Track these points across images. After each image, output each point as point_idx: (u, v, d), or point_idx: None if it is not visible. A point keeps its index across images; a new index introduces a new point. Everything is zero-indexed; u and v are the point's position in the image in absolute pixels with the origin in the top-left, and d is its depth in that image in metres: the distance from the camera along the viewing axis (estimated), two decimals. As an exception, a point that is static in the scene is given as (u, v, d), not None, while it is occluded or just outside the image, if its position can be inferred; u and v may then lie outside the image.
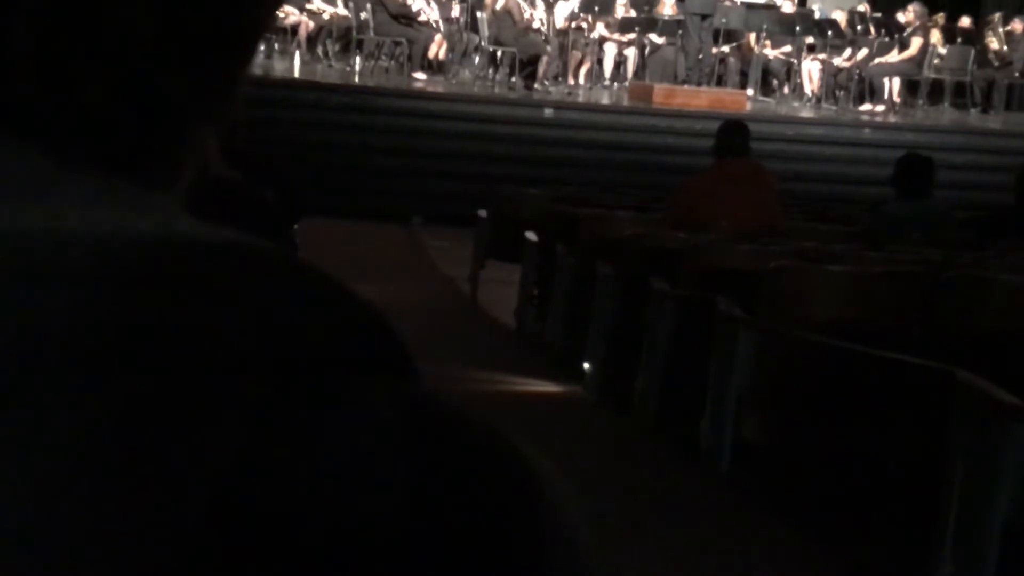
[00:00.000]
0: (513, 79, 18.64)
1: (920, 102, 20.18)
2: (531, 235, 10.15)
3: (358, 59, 18.78)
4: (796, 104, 19.64)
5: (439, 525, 0.44)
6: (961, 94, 20.61)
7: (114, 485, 0.42)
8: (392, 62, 18.83)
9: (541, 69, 18.85)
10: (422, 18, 18.89)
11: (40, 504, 0.42)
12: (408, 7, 18.60)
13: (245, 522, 0.43)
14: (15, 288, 0.45)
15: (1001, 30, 20.76)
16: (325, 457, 0.44)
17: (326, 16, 19.40)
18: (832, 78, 19.84)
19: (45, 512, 0.42)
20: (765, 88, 20.06)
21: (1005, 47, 20.69)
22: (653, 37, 19.54)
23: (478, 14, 18.80)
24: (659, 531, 5.61)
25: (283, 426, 0.44)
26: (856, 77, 19.82)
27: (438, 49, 19.01)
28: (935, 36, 20.02)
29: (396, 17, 18.51)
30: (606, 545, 0.48)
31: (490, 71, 18.98)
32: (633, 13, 19.74)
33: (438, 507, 0.45)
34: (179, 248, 0.46)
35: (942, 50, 20.14)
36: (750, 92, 19.47)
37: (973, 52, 20.19)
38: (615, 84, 19.54)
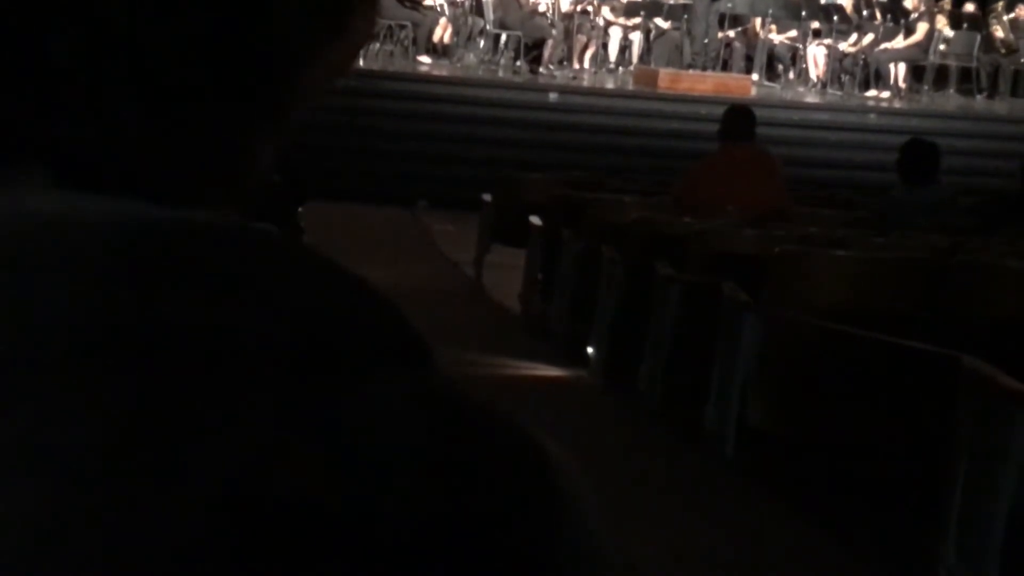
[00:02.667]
0: (518, 63, 18.62)
1: (926, 87, 20.15)
2: (536, 219, 10.15)
3: (362, 43, 18.75)
4: (801, 89, 19.62)
5: (455, 515, 0.44)
6: (967, 79, 20.58)
7: (127, 480, 0.42)
8: (397, 46, 18.82)
9: (546, 53, 18.83)
10: (427, 2, 18.87)
11: (52, 503, 0.42)
12: (413, -9, 18.61)
13: (261, 514, 0.42)
14: (22, 280, 0.44)
15: (1006, 18, 20.73)
16: (341, 448, 0.44)
17: (331, -1, 19.40)
18: (838, 63, 19.81)
19: (57, 510, 0.42)
20: (770, 73, 20.03)
21: (1011, 35, 20.66)
22: (658, 21, 19.52)
23: (483, -2, 18.80)
24: (664, 515, 5.62)
25: (299, 417, 0.44)
26: (862, 62, 19.79)
27: (443, 33, 19.00)
28: (941, 21, 20.00)
29: (401, 0, 18.48)
30: (612, 530, 0.48)
31: (495, 55, 18.96)
32: (638, -2, 19.74)
33: (455, 497, 0.44)
34: (191, 237, 0.46)
35: (948, 35, 20.11)
36: (755, 77, 19.45)
37: (979, 38, 20.16)
38: (620, 68, 19.51)
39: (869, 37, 19.90)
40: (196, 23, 0.48)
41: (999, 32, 20.61)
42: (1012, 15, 20.79)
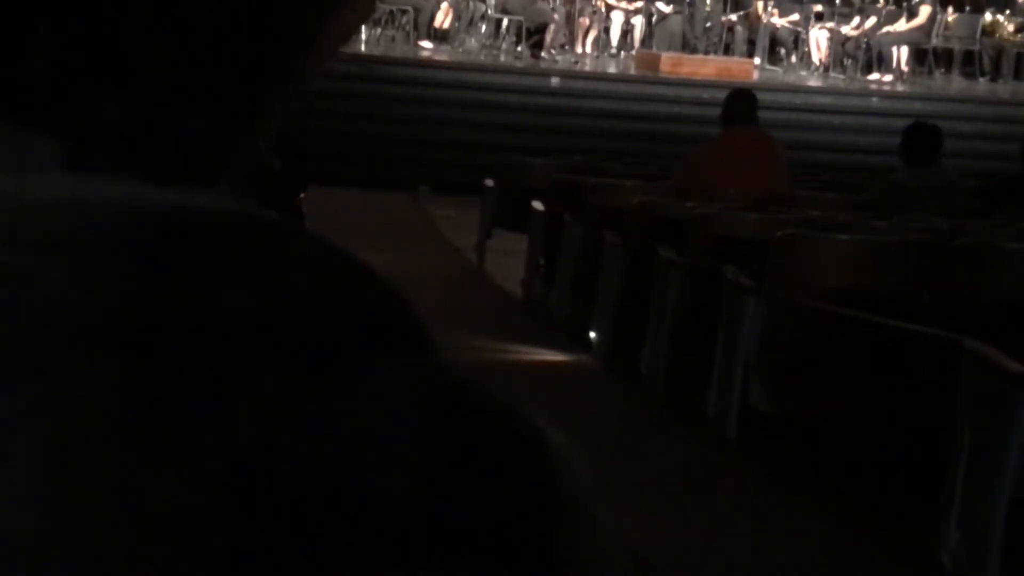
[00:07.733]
0: (519, 48, 18.59)
1: (928, 71, 20.12)
2: (538, 204, 10.14)
3: (363, 27, 18.74)
4: (804, 73, 19.59)
5: (456, 501, 0.44)
6: (969, 63, 20.55)
7: (129, 465, 0.42)
8: (398, 30, 18.79)
9: (548, 38, 18.81)
10: (428, -14, 18.85)
11: (54, 483, 0.42)
12: (414, -25, 18.57)
13: (262, 501, 0.42)
14: (26, 261, 0.44)
15: (1003, 19, 20.63)
16: (342, 435, 0.44)
17: (332, -15, 19.36)
18: (840, 47, 19.78)
19: (59, 490, 0.42)
20: (772, 57, 20.01)
21: (1010, 28, 20.59)
22: (660, 5, 19.49)
23: (484, -18, 18.77)
24: (665, 498, 5.62)
25: (300, 404, 0.44)
26: (864, 46, 19.76)
27: (444, 17, 18.97)
28: (943, 5, 19.97)
29: (402, -15, 18.46)
30: (614, 513, 0.48)
31: (496, 40, 18.94)
32: (640, -19, 19.71)
33: (456, 483, 0.44)
34: (195, 221, 0.46)
35: (950, 18, 20.08)
36: (757, 61, 19.42)
37: (981, 20, 20.13)
38: (622, 53, 19.49)
39: (871, 20, 19.87)
40: None
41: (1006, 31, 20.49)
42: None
